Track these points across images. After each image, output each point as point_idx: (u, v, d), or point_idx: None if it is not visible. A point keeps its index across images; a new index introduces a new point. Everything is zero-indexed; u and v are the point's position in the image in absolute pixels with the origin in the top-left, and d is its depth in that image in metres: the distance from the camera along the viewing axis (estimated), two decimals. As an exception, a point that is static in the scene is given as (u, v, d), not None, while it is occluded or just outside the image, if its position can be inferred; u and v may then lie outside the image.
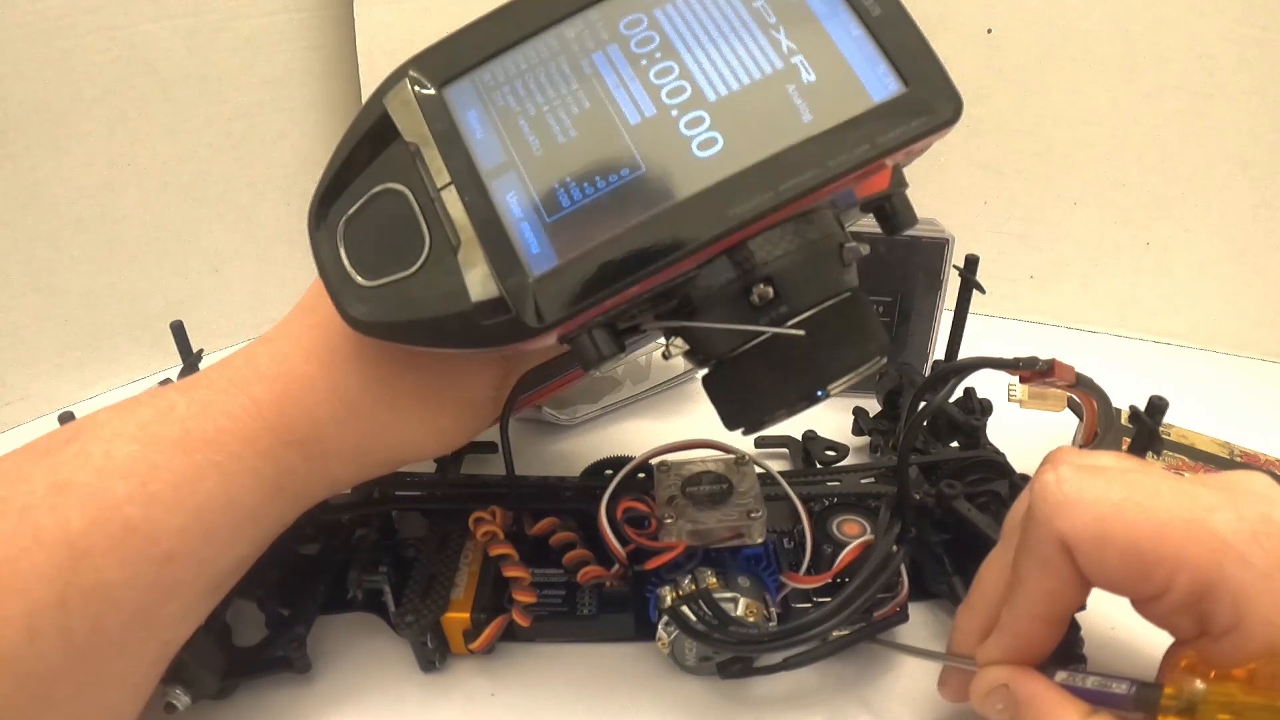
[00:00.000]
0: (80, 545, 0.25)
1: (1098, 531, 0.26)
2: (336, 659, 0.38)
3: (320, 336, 0.30)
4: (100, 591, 0.25)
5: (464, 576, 0.37)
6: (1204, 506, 0.25)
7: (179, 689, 0.32)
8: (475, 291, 0.25)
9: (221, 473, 0.28)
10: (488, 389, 0.32)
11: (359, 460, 0.31)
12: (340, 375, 0.30)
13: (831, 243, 0.29)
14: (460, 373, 0.31)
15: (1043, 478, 0.28)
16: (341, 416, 0.30)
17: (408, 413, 0.31)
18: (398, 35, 0.64)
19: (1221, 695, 0.24)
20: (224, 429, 0.28)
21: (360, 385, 0.30)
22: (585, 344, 0.26)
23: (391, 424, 0.31)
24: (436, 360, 0.31)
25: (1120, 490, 0.27)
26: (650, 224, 0.25)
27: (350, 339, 0.29)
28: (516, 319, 0.25)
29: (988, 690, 0.30)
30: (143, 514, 0.26)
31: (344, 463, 0.31)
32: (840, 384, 0.29)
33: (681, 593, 0.34)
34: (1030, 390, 0.40)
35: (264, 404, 0.29)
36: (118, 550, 0.25)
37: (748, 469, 0.38)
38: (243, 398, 0.29)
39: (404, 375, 0.30)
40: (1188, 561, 0.25)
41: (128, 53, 0.55)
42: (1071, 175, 0.67)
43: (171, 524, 0.26)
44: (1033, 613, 0.29)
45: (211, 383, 0.30)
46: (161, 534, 0.26)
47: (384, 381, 0.30)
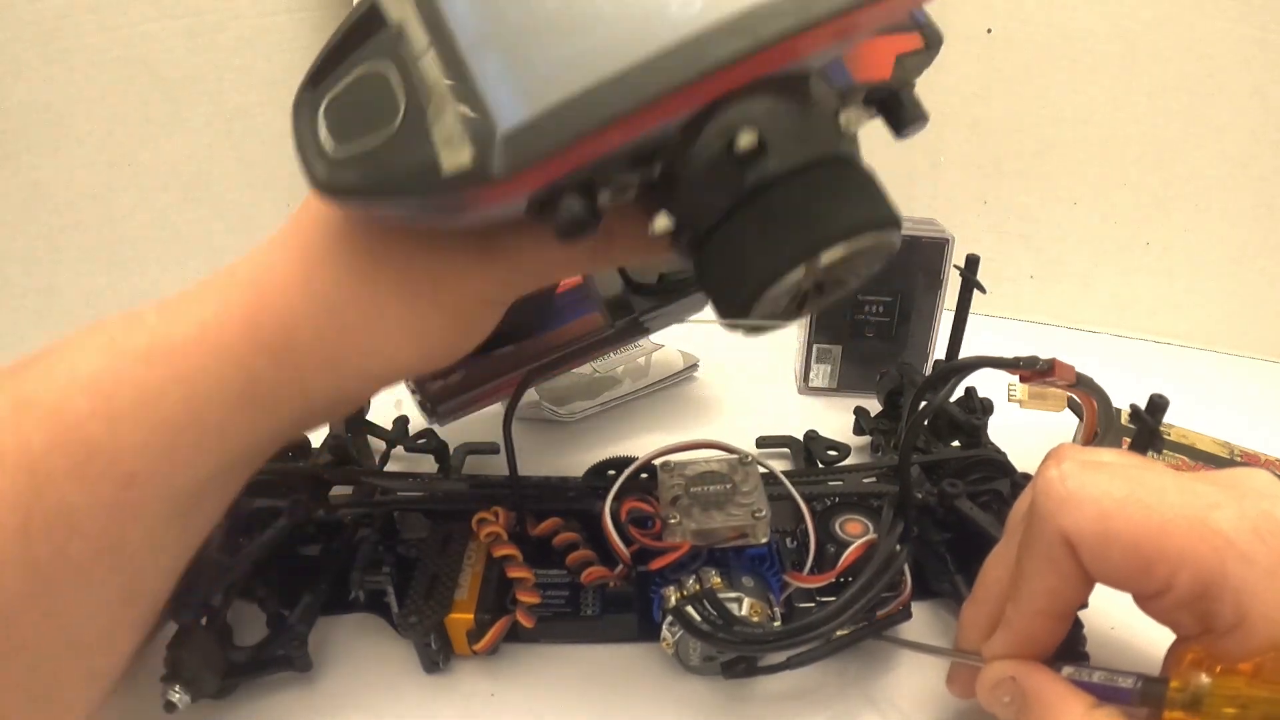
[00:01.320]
0: (42, 468, 0.24)
1: (1101, 528, 0.26)
2: (338, 659, 0.38)
3: (299, 239, 0.28)
4: (63, 516, 0.24)
5: (467, 577, 0.37)
6: (1206, 503, 0.26)
7: (179, 688, 0.32)
8: (441, 141, 0.24)
9: (186, 385, 0.26)
10: (476, 298, 0.29)
11: (334, 369, 0.29)
12: (317, 271, 0.28)
13: (825, 107, 0.27)
14: (445, 271, 0.28)
15: (1046, 473, 0.28)
16: (315, 314, 0.28)
17: (387, 311, 0.28)
18: (398, 35, 0.64)
19: (1227, 689, 0.24)
20: (190, 338, 0.27)
21: (335, 280, 0.28)
22: (560, 208, 0.24)
23: (369, 325, 0.28)
24: (419, 256, 0.28)
25: (1123, 487, 0.27)
26: (624, 74, 0.23)
27: (328, 234, 0.28)
28: (482, 169, 0.23)
29: (994, 684, 0.30)
30: (105, 431, 0.25)
31: (317, 371, 0.28)
32: (841, 249, 0.26)
33: (686, 593, 0.34)
34: (1030, 390, 0.40)
35: (234, 308, 0.27)
36: (79, 471, 0.24)
37: (751, 469, 0.38)
38: (214, 304, 0.27)
39: (383, 270, 0.28)
40: (1190, 559, 0.25)
41: (128, 53, 0.55)
42: (1071, 175, 0.67)
43: (133, 441, 0.25)
44: (1036, 608, 0.29)
45: (186, 294, 0.28)
46: (123, 452, 0.25)
47: (362, 275, 0.28)
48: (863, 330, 0.58)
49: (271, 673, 0.36)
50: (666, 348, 0.62)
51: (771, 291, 0.26)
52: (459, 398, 0.43)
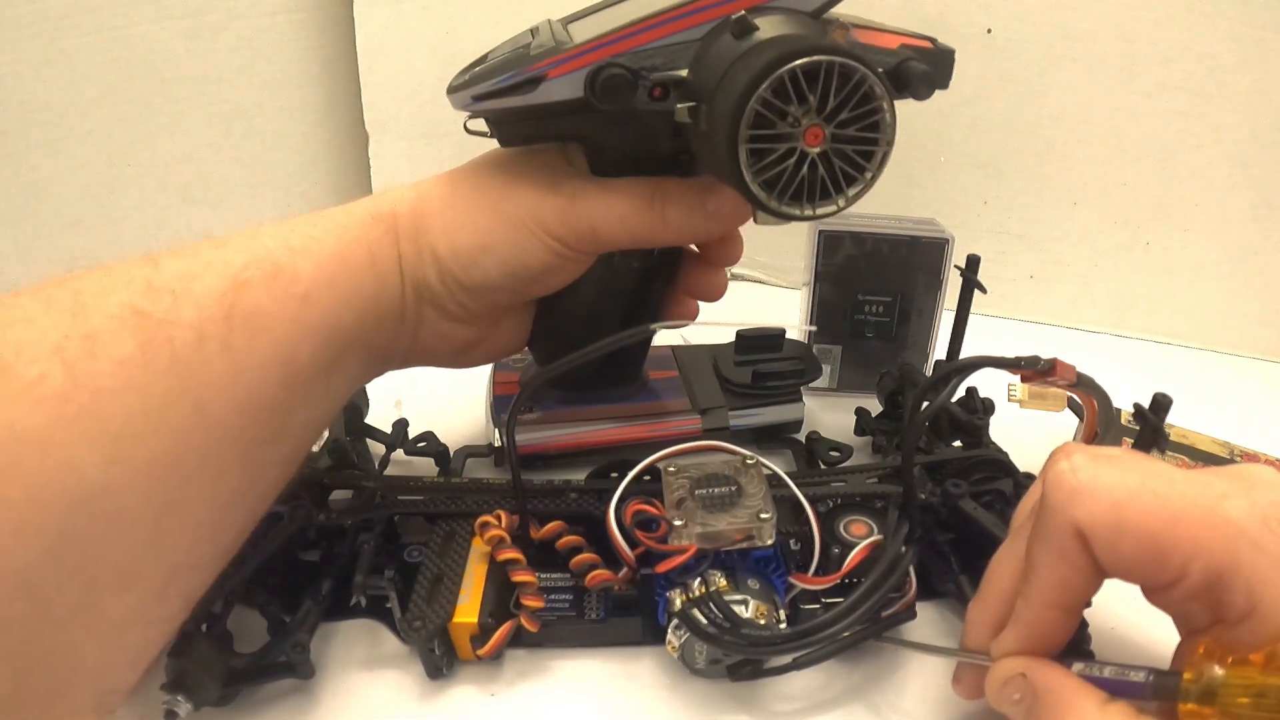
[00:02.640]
0: (241, 276, 0.30)
1: (1114, 519, 0.26)
2: (340, 666, 0.37)
3: (445, 174, 0.39)
4: (256, 317, 0.29)
5: (470, 581, 0.37)
6: (1217, 494, 0.26)
7: (180, 696, 0.32)
8: (536, 45, 0.35)
9: (338, 236, 0.34)
10: (531, 216, 0.37)
11: (446, 239, 0.37)
12: (445, 184, 0.38)
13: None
14: (516, 191, 0.37)
15: (1056, 465, 0.28)
16: (440, 208, 0.37)
17: (474, 206, 0.37)
18: (398, 35, 0.64)
19: (1241, 678, 0.24)
20: (344, 213, 0.36)
21: (453, 186, 0.38)
22: (603, 75, 0.33)
23: (464, 215, 0.37)
24: (507, 180, 0.38)
25: (1135, 478, 0.27)
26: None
27: (460, 169, 0.39)
28: (559, 47, 0.34)
29: (1004, 681, 0.30)
30: (287, 259, 0.31)
31: (434, 241, 0.36)
32: (803, 61, 0.30)
33: (691, 595, 0.34)
34: (1030, 390, 0.40)
35: (381, 204, 0.37)
36: (269, 284, 0.30)
37: (755, 470, 0.38)
38: (366, 203, 0.37)
39: (482, 183, 0.38)
40: (1204, 548, 0.25)
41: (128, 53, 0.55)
42: (1071, 175, 0.68)
43: (306, 269, 0.32)
44: (1047, 601, 0.29)
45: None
46: (301, 275, 0.31)
47: (469, 185, 0.38)
48: (863, 330, 0.58)
49: (273, 679, 0.36)
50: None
51: (759, 109, 0.31)
52: (533, 433, 0.47)
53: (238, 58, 0.60)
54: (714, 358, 0.53)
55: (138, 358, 0.27)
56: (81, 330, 0.26)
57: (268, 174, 0.64)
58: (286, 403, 0.31)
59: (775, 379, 0.51)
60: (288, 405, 0.32)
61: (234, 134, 0.62)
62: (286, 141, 0.64)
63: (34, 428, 0.24)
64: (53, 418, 0.25)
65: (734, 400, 0.49)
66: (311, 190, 0.67)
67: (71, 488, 0.25)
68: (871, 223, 0.57)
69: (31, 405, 0.24)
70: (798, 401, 0.51)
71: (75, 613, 0.26)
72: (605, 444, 0.47)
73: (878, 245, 0.56)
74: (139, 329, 0.27)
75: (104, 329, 0.26)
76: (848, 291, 0.57)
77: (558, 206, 0.37)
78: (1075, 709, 0.27)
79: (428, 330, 0.39)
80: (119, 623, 0.27)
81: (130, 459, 0.26)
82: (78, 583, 0.25)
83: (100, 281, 0.28)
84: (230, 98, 0.61)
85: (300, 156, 0.65)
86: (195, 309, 0.28)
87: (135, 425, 0.26)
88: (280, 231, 0.33)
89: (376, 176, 0.67)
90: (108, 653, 0.27)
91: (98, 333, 0.26)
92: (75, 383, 0.25)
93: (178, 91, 0.58)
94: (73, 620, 0.26)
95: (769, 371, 0.51)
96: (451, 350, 0.41)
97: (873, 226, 0.56)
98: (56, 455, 0.24)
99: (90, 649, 0.26)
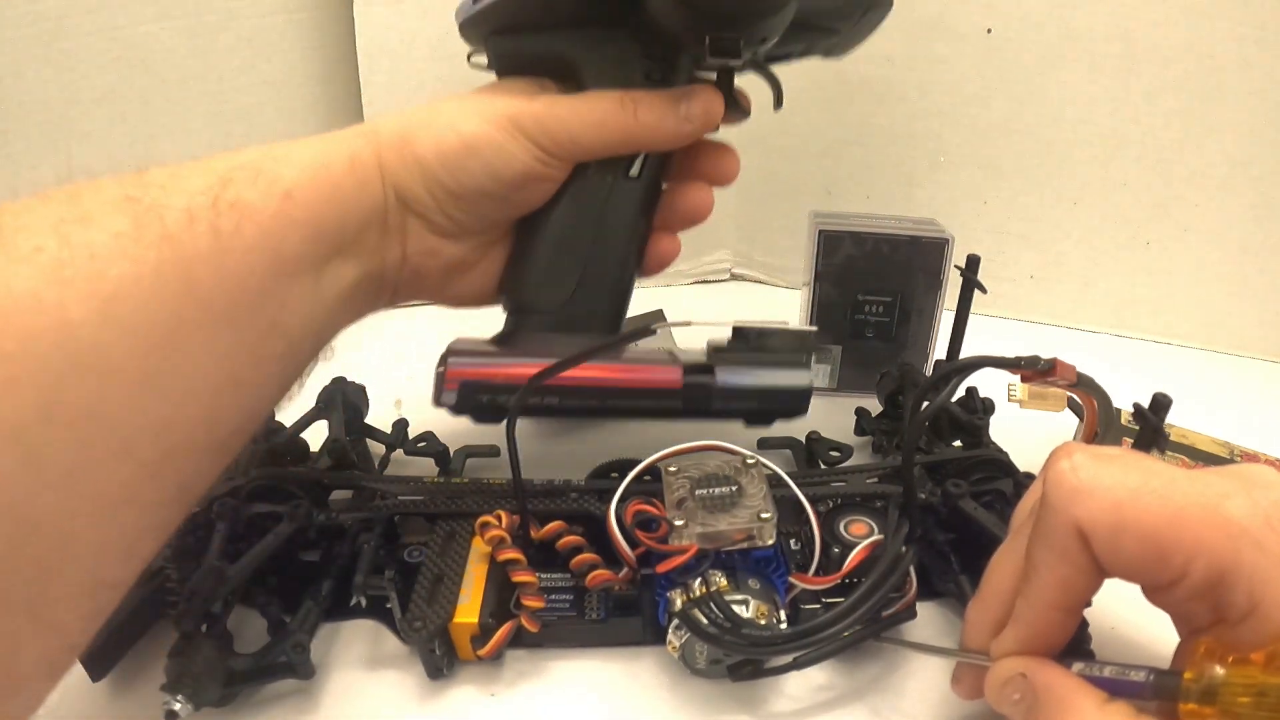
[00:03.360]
0: (225, 174, 0.31)
1: (1115, 518, 0.26)
2: (340, 666, 0.37)
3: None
4: (241, 206, 0.31)
5: (470, 581, 0.37)
6: (1218, 493, 0.26)
7: (180, 696, 0.32)
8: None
9: (318, 146, 0.36)
10: (506, 115, 0.38)
11: (428, 131, 0.38)
12: (432, 104, 0.40)
13: None
14: (498, 95, 0.40)
15: (1057, 465, 0.28)
16: (426, 111, 0.39)
17: (460, 106, 0.39)
18: (398, 35, 0.64)
19: (1242, 678, 0.24)
20: (329, 133, 0.37)
21: (440, 99, 0.40)
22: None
23: (449, 112, 0.39)
24: (492, 89, 0.42)
25: (1137, 477, 0.27)
26: None
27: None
28: None
29: (1004, 681, 0.30)
30: (269, 164, 0.33)
31: (417, 135, 0.38)
32: None
33: (692, 595, 0.34)
34: (1030, 390, 0.40)
35: (363, 125, 0.39)
36: (251, 181, 0.32)
37: (756, 470, 0.38)
38: (349, 128, 0.39)
39: (468, 94, 0.41)
40: (1205, 547, 0.25)
41: (128, 53, 0.55)
42: (1071, 175, 0.68)
43: (288, 172, 0.33)
44: (1048, 600, 0.29)
45: None
46: (282, 176, 0.33)
47: (454, 96, 0.40)
48: (862, 330, 0.58)
49: (273, 680, 0.36)
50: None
51: None
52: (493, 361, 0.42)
53: (238, 58, 0.60)
54: (707, 343, 0.48)
55: (131, 231, 0.28)
56: (77, 213, 0.27)
57: (267, 174, 0.64)
58: (276, 292, 0.32)
59: (777, 339, 0.43)
60: (278, 295, 0.33)
61: (234, 134, 0.62)
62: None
63: (30, 289, 0.25)
64: (49, 279, 0.25)
65: (722, 360, 0.43)
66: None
67: (66, 343, 0.25)
68: (871, 223, 0.57)
69: (29, 269, 0.25)
70: (800, 368, 0.43)
71: (68, 476, 0.25)
72: (574, 382, 0.40)
73: (878, 245, 0.56)
74: (131, 210, 0.28)
75: (99, 210, 0.28)
76: (848, 291, 0.57)
77: (535, 112, 0.39)
78: (1075, 709, 0.27)
79: (415, 243, 0.40)
80: (114, 497, 0.27)
81: (124, 319, 0.27)
82: (71, 442, 0.25)
83: (94, 183, 0.29)
84: (230, 98, 0.60)
85: (300, 157, 0.65)
86: (184, 196, 0.30)
87: (128, 289, 0.27)
88: (262, 148, 0.35)
89: (376, 176, 0.67)
90: (101, 530, 0.27)
91: (92, 214, 0.27)
92: (71, 250, 0.26)
93: (178, 91, 0.58)
94: (66, 484, 0.25)
95: (770, 333, 0.43)
96: (442, 269, 0.41)
97: (873, 226, 0.56)
98: (51, 313, 0.25)
99: (83, 521, 0.26)
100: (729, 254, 0.80)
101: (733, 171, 0.45)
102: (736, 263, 0.81)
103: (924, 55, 0.66)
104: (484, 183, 0.39)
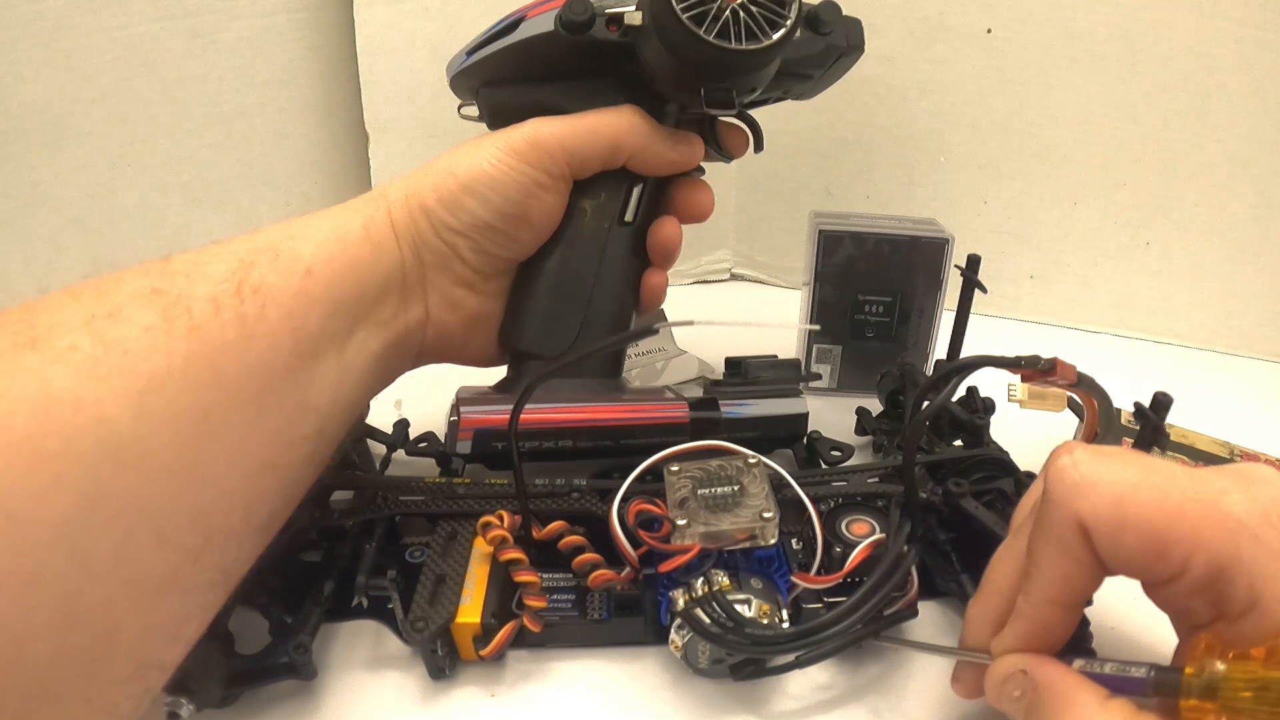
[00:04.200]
0: (246, 258, 0.32)
1: (1116, 513, 0.26)
2: (342, 667, 0.37)
3: None
4: (264, 289, 0.32)
5: (472, 582, 0.37)
6: (1218, 489, 0.26)
7: (183, 697, 0.32)
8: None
9: (332, 220, 0.37)
10: (522, 136, 0.41)
11: (447, 174, 0.40)
12: (429, 161, 0.42)
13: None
14: (494, 135, 0.42)
15: (1058, 461, 0.28)
16: (440, 159, 0.41)
17: (475, 145, 0.41)
18: (398, 35, 0.64)
19: (1243, 673, 0.24)
20: (338, 205, 0.39)
21: (431, 159, 0.42)
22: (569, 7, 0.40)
23: (464, 152, 0.41)
24: (480, 137, 0.42)
25: (1137, 472, 0.27)
26: None
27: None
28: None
29: (1004, 678, 0.30)
30: (287, 244, 0.34)
31: (431, 184, 0.40)
32: None
33: (694, 595, 0.34)
34: (1030, 390, 0.40)
35: (371, 192, 0.40)
36: (272, 264, 0.33)
37: (758, 470, 0.38)
38: (358, 196, 0.40)
39: (460, 145, 0.42)
40: (1205, 542, 0.25)
41: (128, 53, 0.55)
42: (1071, 175, 0.68)
43: (306, 250, 0.34)
44: (1049, 596, 0.29)
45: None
46: (301, 255, 0.34)
47: (448, 150, 0.42)
48: (863, 330, 0.58)
49: (275, 681, 0.35)
50: (688, 355, 0.62)
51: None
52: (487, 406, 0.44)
53: (238, 58, 0.60)
54: (701, 377, 0.52)
55: (160, 325, 0.29)
56: (106, 308, 0.28)
57: (268, 174, 0.64)
58: (302, 372, 0.33)
59: (770, 371, 0.49)
60: (304, 375, 0.33)
61: (234, 134, 0.62)
62: (286, 141, 0.64)
63: (67, 387, 0.26)
64: (84, 377, 0.26)
65: (724, 394, 0.47)
66: (311, 190, 0.67)
67: (104, 440, 0.26)
68: (871, 223, 0.57)
69: (65, 368, 0.26)
70: (796, 397, 0.48)
71: (113, 568, 0.26)
72: (585, 423, 0.44)
73: (878, 245, 0.56)
74: (159, 302, 0.29)
75: (127, 305, 0.29)
76: (848, 291, 0.57)
77: (525, 133, 0.41)
78: (1076, 705, 0.27)
79: (436, 297, 0.41)
80: (157, 584, 0.28)
81: (158, 412, 0.27)
82: (114, 535, 0.26)
83: (120, 275, 0.30)
84: (230, 98, 0.60)
85: (300, 156, 0.65)
86: (208, 284, 0.31)
87: (160, 382, 0.28)
88: (278, 226, 0.36)
89: (376, 176, 0.67)
90: (146, 616, 0.28)
91: (122, 308, 0.28)
92: (104, 347, 0.27)
93: (178, 91, 0.58)
94: (111, 576, 0.26)
95: (762, 365, 0.49)
96: (464, 324, 0.43)
97: (873, 226, 0.56)
98: (89, 411, 0.26)
99: (128, 610, 0.27)
100: (729, 254, 0.81)
101: (707, 209, 0.48)
102: (736, 263, 0.81)
103: (924, 55, 0.66)
104: (484, 215, 0.40)
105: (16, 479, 0.24)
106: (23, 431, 0.25)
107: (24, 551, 0.24)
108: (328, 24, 0.64)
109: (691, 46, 0.38)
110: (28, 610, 0.24)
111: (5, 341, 0.26)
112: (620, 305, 0.46)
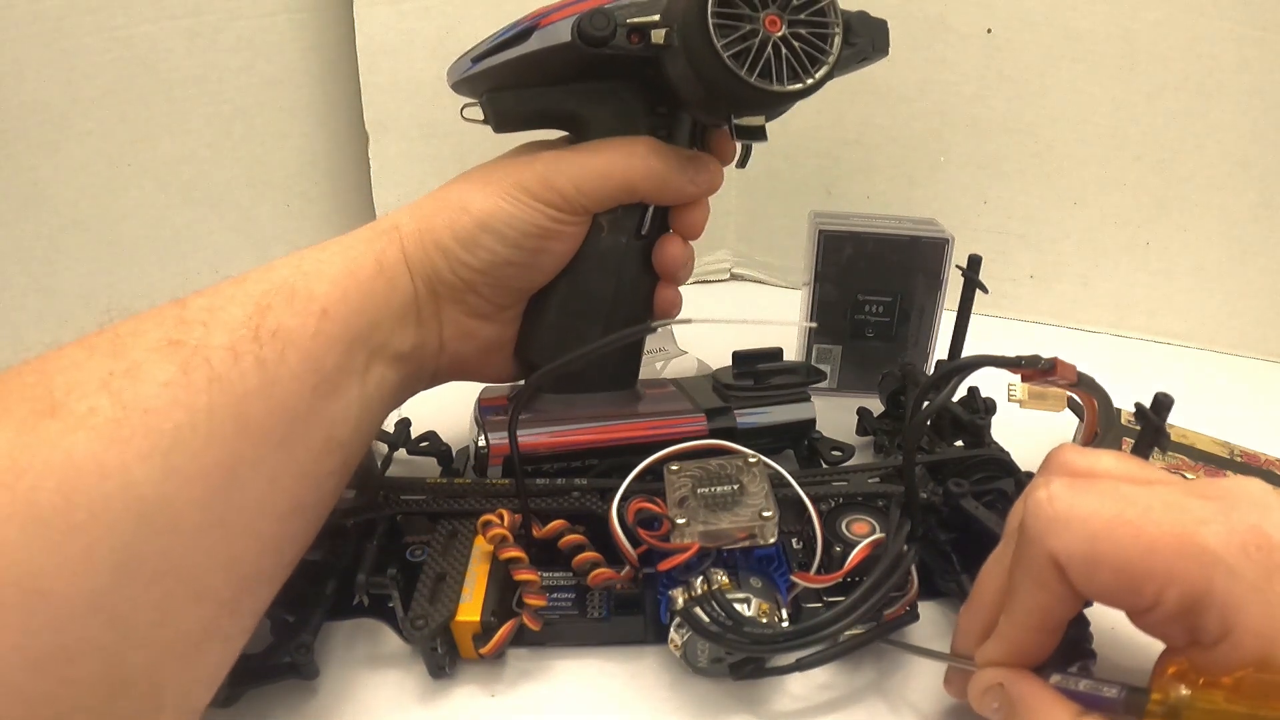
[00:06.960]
0: (262, 302, 0.32)
1: (1089, 550, 0.27)
2: (343, 665, 0.37)
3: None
4: (281, 333, 0.32)
5: (472, 580, 0.37)
6: (1195, 519, 0.26)
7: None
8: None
9: (344, 254, 0.37)
10: (513, 180, 0.40)
11: (454, 209, 0.40)
12: (441, 191, 0.41)
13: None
14: (507, 167, 0.41)
15: (1035, 494, 0.29)
16: (443, 194, 0.41)
17: (470, 181, 0.41)
18: (398, 35, 0.64)
19: (1206, 702, 0.25)
20: (349, 236, 0.39)
21: (455, 180, 0.42)
22: (585, 22, 0.38)
23: (462, 190, 0.40)
24: (500, 163, 0.42)
25: (1112, 506, 0.27)
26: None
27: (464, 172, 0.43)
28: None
29: (983, 690, 0.31)
30: (301, 282, 0.34)
31: (439, 222, 0.39)
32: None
33: (693, 594, 0.34)
34: (1030, 390, 0.40)
35: (381, 222, 0.40)
36: (288, 304, 0.33)
37: (758, 469, 0.38)
38: (368, 225, 0.40)
39: (477, 169, 0.42)
40: (1178, 577, 0.25)
41: (128, 53, 0.55)
42: (1071, 175, 0.68)
43: (320, 288, 0.34)
44: (1027, 624, 0.29)
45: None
46: (316, 294, 0.34)
47: (464, 174, 0.42)
48: (863, 331, 0.58)
49: (277, 680, 0.36)
50: (689, 355, 0.62)
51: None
52: (530, 431, 0.44)
53: (238, 58, 0.60)
54: (712, 377, 0.52)
55: (180, 379, 0.28)
56: (124, 365, 0.28)
57: (268, 174, 0.64)
58: (325, 411, 0.33)
59: (779, 375, 0.50)
60: (327, 413, 0.33)
61: (234, 134, 0.62)
62: (286, 141, 0.64)
63: (91, 454, 0.25)
64: (107, 441, 0.26)
65: (739, 401, 0.48)
66: (311, 190, 0.67)
67: (132, 505, 0.26)
68: (871, 223, 0.57)
69: (86, 434, 0.25)
70: (806, 401, 0.50)
71: (153, 630, 0.26)
72: (607, 443, 0.45)
73: (878, 245, 0.56)
74: (177, 355, 0.29)
75: (145, 360, 0.28)
76: (848, 291, 0.57)
77: (538, 172, 0.40)
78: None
79: (451, 329, 0.41)
80: (197, 638, 0.28)
81: (184, 471, 0.27)
82: (151, 599, 0.26)
83: (135, 325, 0.30)
84: (230, 98, 0.61)
85: (300, 156, 0.65)
86: (226, 332, 0.30)
87: (184, 438, 0.27)
88: (291, 261, 0.35)
89: (376, 176, 0.67)
90: (189, 671, 0.28)
91: (140, 364, 0.28)
92: (125, 408, 0.26)
93: (178, 91, 0.58)
94: (153, 638, 0.26)
95: (772, 370, 0.50)
96: (480, 351, 0.43)
97: (873, 226, 0.56)
98: (115, 477, 0.25)
99: (172, 668, 0.27)
100: (729, 254, 0.81)
101: (700, 227, 0.46)
102: (736, 262, 0.81)
103: (924, 55, 0.66)
104: (504, 253, 0.40)
105: (47, 554, 0.24)
106: (49, 506, 0.24)
107: (62, 627, 0.24)
108: (328, 24, 0.64)
109: (729, 84, 0.36)
110: (71, 686, 0.24)
111: (24, 409, 0.26)
112: (638, 319, 0.45)
